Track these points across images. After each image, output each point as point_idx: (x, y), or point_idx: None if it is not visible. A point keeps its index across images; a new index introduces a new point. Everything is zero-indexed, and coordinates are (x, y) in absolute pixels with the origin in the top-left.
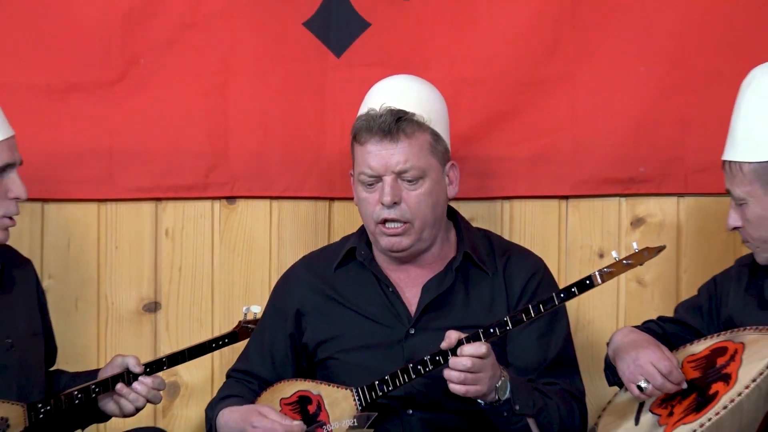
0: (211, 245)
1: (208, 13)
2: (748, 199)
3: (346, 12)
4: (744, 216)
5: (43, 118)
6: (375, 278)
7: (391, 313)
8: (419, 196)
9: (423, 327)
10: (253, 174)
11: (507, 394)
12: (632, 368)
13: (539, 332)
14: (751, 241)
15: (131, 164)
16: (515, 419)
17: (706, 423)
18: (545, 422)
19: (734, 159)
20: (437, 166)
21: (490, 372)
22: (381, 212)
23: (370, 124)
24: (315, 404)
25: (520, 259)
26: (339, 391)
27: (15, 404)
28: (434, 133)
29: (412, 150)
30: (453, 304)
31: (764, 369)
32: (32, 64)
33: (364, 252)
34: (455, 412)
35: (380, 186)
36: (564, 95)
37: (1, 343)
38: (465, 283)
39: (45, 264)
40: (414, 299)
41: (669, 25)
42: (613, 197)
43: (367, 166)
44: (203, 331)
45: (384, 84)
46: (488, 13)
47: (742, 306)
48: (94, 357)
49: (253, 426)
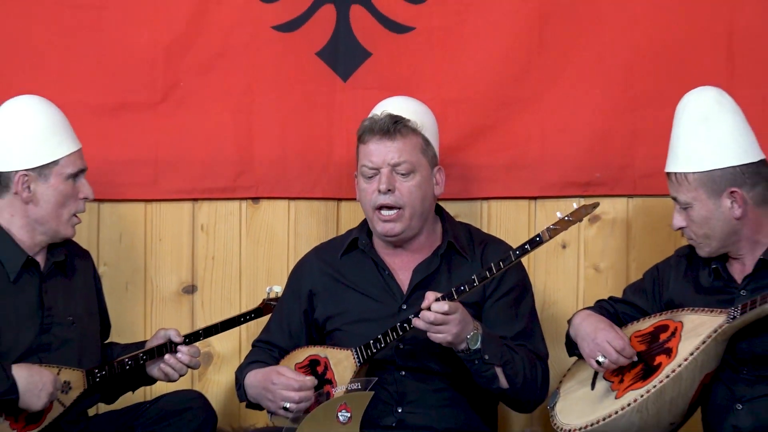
0: (239, 238)
1: (236, 44)
2: (694, 203)
3: (351, 44)
4: (689, 217)
5: (100, 132)
6: (373, 263)
7: (386, 292)
8: (410, 187)
9: (413, 303)
10: (273, 178)
11: (478, 344)
12: (591, 346)
13: (508, 306)
14: (695, 238)
15: (172, 170)
16: (485, 368)
17: (652, 389)
18: (510, 373)
19: (680, 170)
20: (426, 165)
21: (457, 325)
22: (377, 198)
23: (373, 126)
24: (323, 365)
25: (495, 247)
26: (341, 352)
27: (76, 370)
28: (425, 138)
29: (405, 148)
30: (438, 284)
31: (700, 344)
32: (92, 87)
33: (365, 241)
34: (438, 373)
35: (378, 177)
36: (533, 113)
37: (65, 320)
38: (448, 266)
39: (101, 254)
40: (406, 280)
41: (621, 54)
42: (574, 198)
43: (369, 160)
44: (232, 308)
45: (385, 101)
46: (470, 45)
47: (680, 290)
48: (141, 331)
49: (273, 383)
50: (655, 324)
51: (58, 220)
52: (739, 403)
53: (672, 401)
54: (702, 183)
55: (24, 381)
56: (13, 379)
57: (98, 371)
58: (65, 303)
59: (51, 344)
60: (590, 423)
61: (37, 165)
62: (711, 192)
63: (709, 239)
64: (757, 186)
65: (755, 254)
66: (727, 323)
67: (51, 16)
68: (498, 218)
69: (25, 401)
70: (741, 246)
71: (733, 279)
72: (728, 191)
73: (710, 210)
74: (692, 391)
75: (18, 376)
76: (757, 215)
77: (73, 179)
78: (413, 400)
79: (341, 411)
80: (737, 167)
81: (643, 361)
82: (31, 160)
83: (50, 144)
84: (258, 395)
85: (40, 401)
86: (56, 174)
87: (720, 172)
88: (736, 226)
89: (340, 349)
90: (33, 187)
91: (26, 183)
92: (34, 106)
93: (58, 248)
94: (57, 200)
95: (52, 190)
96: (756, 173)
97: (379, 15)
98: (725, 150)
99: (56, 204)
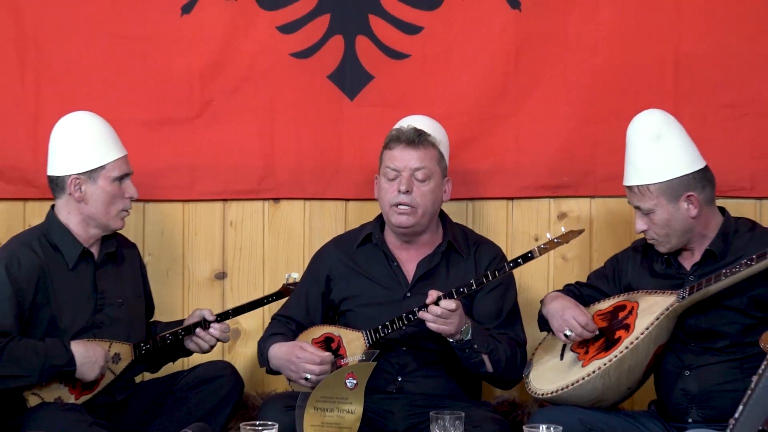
0: (262, 232)
1: (261, 69)
2: (656, 209)
3: (357, 69)
4: (651, 221)
5: (145, 143)
6: (384, 255)
7: (394, 281)
8: (425, 191)
9: (416, 292)
10: (291, 182)
11: (469, 336)
12: (560, 322)
13: (495, 298)
14: (656, 238)
15: (206, 175)
16: (474, 355)
17: (613, 359)
18: (495, 359)
19: (643, 183)
20: (440, 174)
21: (457, 321)
22: (396, 197)
23: (400, 136)
24: (336, 342)
25: (486, 247)
26: (353, 333)
27: (125, 344)
28: (440, 152)
29: (425, 157)
30: (438, 276)
31: (654, 320)
32: (138, 105)
33: (378, 236)
34: (434, 350)
35: (399, 179)
36: (510, 126)
37: (115, 302)
38: (447, 262)
39: (146, 246)
40: (411, 272)
41: (583, 77)
42: (545, 198)
43: (393, 164)
44: (257, 292)
45: (410, 117)
46: (456, 69)
47: (637, 276)
48: (179, 311)
49: (297, 356)
50: (615, 304)
51: (107, 216)
52: (687, 370)
53: (630, 369)
54: (662, 191)
55: (80, 355)
56: (72, 354)
57: (144, 345)
58: (115, 287)
59: (103, 322)
60: (560, 388)
61: (87, 169)
62: (670, 197)
63: (669, 237)
64: (706, 188)
65: (703, 246)
66: (677, 302)
67: (104, 46)
68: (481, 215)
69: (81, 372)
70: (693, 240)
71: (683, 267)
72: (685, 195)
73: (671, 213)
74: (647, 360)
75: (76, 351)
76: (707, 213)
77: (118, 181)
78: (411, 371)
79: (349, 378)
80: (690, 174)
81: (605, 335)
82: (81, 165)
83: (98, 151)
84: (281, 366)
85: (94, 372)
86: (103, 177)
87: (677, 180)
88: (691, 224)
89: (352, 330)
90: (84, 188)
91: (78, 185)
92: (84, 120)
93: (110, 240)
94: (105, 199)
95: (100, 191)
96: (704, 177)
97: (380, 44)
98: (679, 161)
99: (104, 203)
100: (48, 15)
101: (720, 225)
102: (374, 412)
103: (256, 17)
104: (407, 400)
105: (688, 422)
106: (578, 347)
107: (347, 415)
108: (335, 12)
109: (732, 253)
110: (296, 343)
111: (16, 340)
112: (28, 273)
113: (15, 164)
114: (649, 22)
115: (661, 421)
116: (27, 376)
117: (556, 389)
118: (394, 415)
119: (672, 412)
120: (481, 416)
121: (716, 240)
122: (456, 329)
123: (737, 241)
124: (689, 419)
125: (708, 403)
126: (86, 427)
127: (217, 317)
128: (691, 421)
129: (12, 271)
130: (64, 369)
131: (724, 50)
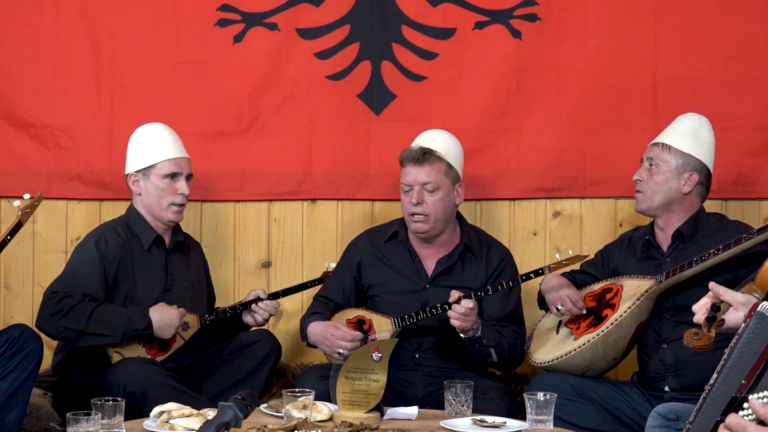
0: (302, 228)
1: (301, 89)
2: (663, 165)
3: (382, 88)
4: (651, 174)
5: (203, 152)
6: (408, 251)
7: (415, 273)
8: (435, 201)
9: (434, 285)
10: (326, 185)
11: (479, 332)
12: (554, 297)
13: (502, 296)
14: (643, 191)
15: (254, 179)
16: (482, 348)
17: (600, 333)
18: (500, 351)
19: (671, 143)
20: (449, 184)
21: (474, 318)
22: (411, 208)
23: (408, 155)
24: (368, 325)
25: (497, 249)
26: (383, 318)
27: (193, 314)
28: (448, 163)
29: (431, 172)
30: (454, 273)
31: (636, 301)
32: (197, 120)
33: (402, 235)
34: (447, 334)
35: (411, 192)
36: (512, 138)
37: (182, 285)
38: (462, 260)
39: (203, 239)
40: (431, 267)
41: (574, 96)
42: (542, 199)
43: (405, 180)
44: (297, 278)
45: (427, 132)
46: (466, 89)
47: (623, 262)
48: (231, 294)
49: (332, 334)
50: (603, 287)
51: (159, 208)
52: (665, 344)
53: (615, 342)
54: (677, 158)
55: (157, 318)
56: (150, 319)
57: (208, 316)
58: (182, 272)
59: (172, 300)
60: (556, 357)
61: (142, 167)
62: (679, 166)
63: (654, 195)
64: (703, 185)
65: (674, 227)
66: (656, 286)
67: (169, 70)
68: (487, 214)
69: (158, 332)
70: (670, 217)
71: (660, 246)
72: (689, 173)
73: (671, 177)
74: (630, 334)
75: (153, 317)
76: (692, 199)
77: (170, 178)
78: (427, 349)
79: (375, 352)
80: (703, 164)
81: (593, 313)
82: (138, 164)
83: (151, 152)
84: (317, 341)
85: (169, 333)
86: (155, 174)
87: (693, 159)
88: (677, 197)
89: (382, 316)
90: (141, 183)
91: (136, 180)
92: (149, 127)
93: (179, 232)
94: (156, 193)
95: (152, 186)
96: (708, 176)
97: (402, 68)
98: (703, 151)
99: (156, 196)
100: (121, 44)
101: (695, 212)
102: (396, 382)
103: (297, 45)
104: (424, 371)
105: (664, 390)
106: (571, 323)
107: (373, 383)
108: (364, 41)
109: (701, 237)
110: (331, 323)
111: (104, 305)
112: (113, 250)
113: (92, 170)
114: (630, 49)
115: (641, 390)
116: (111, 335)
117: (552, 359)
118: (413, 385)
119: (651, 380)
120: (488, 385)
121: (687, 223)
122: (471, 325)
123: (706, 228)
124: (666, 387)
125: (682, 371)
126: (163, 378)
127: (269, 296)
128: (667, 389)
129: (100, 247)
130: (143, 332)
131: (694, 72)
